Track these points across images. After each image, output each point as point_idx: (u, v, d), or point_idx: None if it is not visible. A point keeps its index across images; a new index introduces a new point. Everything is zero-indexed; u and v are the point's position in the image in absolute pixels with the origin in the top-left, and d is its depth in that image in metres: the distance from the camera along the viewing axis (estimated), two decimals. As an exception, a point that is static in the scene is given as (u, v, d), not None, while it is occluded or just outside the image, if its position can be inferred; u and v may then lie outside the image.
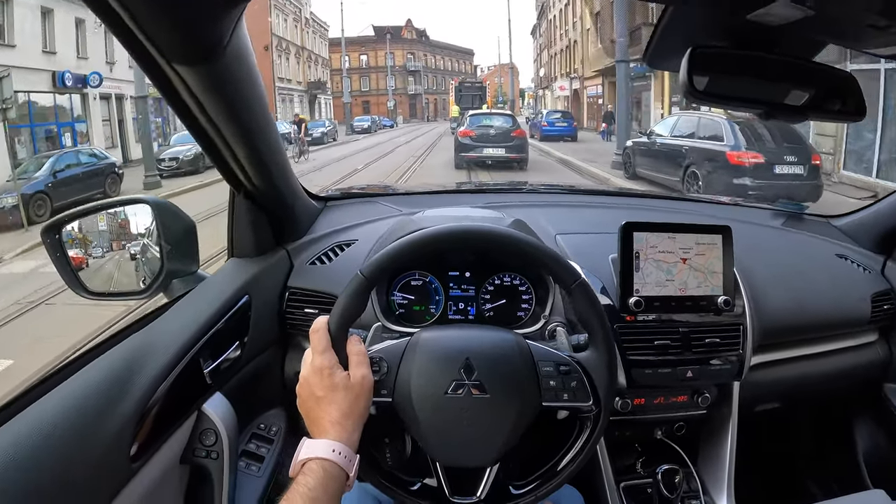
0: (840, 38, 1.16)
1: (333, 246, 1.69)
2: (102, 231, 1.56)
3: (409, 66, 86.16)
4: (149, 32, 0.91)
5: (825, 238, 2.08)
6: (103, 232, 1.56)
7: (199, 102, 1.11)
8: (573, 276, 1.14)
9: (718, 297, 1.54)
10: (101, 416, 1.03)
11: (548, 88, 59.65)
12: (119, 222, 1.56)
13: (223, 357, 1.35)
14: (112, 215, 1.57)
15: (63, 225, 1.47)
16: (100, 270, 1.54)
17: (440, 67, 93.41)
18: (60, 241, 1.46)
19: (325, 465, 0.96)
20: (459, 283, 1.61)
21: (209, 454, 1.29)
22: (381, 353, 1.12)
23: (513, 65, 40.82)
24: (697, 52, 1.05)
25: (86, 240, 1.53)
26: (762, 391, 1.77)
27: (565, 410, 1.14)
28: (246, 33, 1.08)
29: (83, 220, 1.52)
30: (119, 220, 1.56)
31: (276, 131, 1.37)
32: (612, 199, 2.55)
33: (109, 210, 1.56)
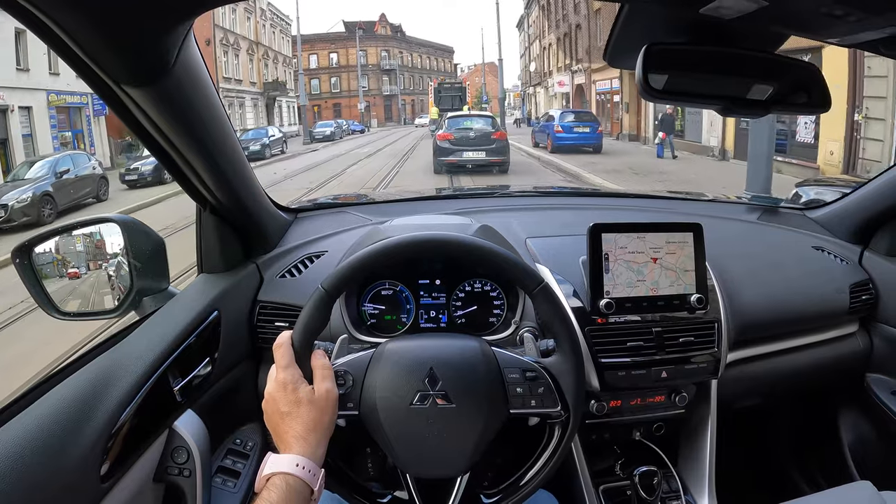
0: (798, 28, 1.15)
1: (303, 258, 1.68)
2: (80, 252, 1.55)
3: (383, 64, 78.95)
4: (93, 56, 0.91)
5: (801, 230, 2.08)
6: (80, 253, 1.55)
7: (153, 121, 1.10)
8: (536, 280, 1.13)
9: (691, 296, 1.54)
10: (70, 437, 1.03)
11: (540, 85, 54.66)
12: (95, 242, 1.56)
13: (193, 374, 1.34)
14: (88, 236, 1.56)
15: (33, 246, 1.47)
16: (76, 291, 1.54)
17: (417, 66, 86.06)
18: (31, 263, 1.46)
19: (289, 479, 0.96)
20: (430, 291, 1.60)
21: (181, 472, 1.28)
22: (345, 365, 1.12)
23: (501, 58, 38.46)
24: (653, 50, 1.05)
25: (65, 261, 1.53)
26: (742, 387, 1.77)
27: (534, 417, 1.13)
28: (195, 50, 1.07)
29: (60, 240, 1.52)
30: (95, 241, 1.56)
31: (236, 145, 1.36)
32: (586, 199, 2.55)
33: (79, 230, 1.54)
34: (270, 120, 48.56)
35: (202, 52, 1.12)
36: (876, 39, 1.06)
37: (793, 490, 2.18)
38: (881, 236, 1.99)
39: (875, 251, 1.99)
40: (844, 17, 0.96)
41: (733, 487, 1.76)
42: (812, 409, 2.20)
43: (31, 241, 1.47)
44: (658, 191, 2.73)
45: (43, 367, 4.73)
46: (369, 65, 76.32)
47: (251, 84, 49.32)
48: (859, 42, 1.10)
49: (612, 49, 1.18)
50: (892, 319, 1.91)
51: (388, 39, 79.83)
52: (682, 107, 7.88)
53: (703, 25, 1.05)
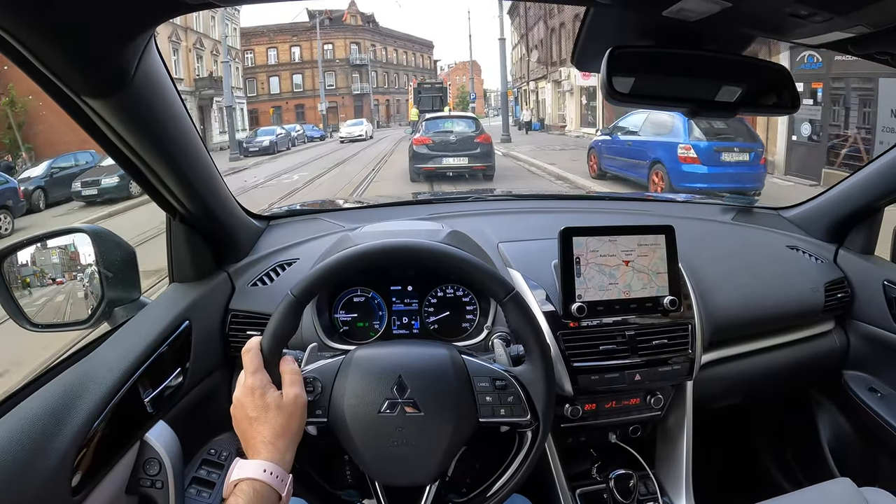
0: (764, 29, 1.16)
1: (275, 266, 1.68)
2: (55, 263, 1.54)
3: (352, 58, 65.64)
4: (52, 69, 0.91)
5: (776, 230, 2.09)
6: (56, 265, 1.54)
7: (116, 132, 1.09)
8: (505, 288, 1.13)
9: (664, 298, 1.54)
10: (40, 450, 1.02)
11: (546, 79, 40.69)
12: (70, 254, 1.54)
13: (164, 384, 1.33)
14: (63, 248, 1.55)
15: (2, 259, 1.45)
16: (51, 302, 1.52)
17: (393, 61, 72.87)
18: (1, 275, 1.44)
19: (256, 485, 0.96)
20: (402, 298, 1.60)
21: (154, 483, 1.27)
22: (314, 372, 1.11)
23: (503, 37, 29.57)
24: (618, 54, 1.05)
25: (42, 272, 1.51)
26: (718, 388, 1.78)
27: (504, 426, 1.13)
28: (157, 59, 1.07)
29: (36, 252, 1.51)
30: (70, 252, 1.54)
31: (203, 153, 1.35)
32: (560, 202, 2.56)
33: (49, 241, 1.53)
34: (206, 125, 37.70)
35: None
36: (844, 39, 1.07)
37: (773, 488, 2.20)
38: (856, 234, 2.01)
39: (850, 249, 2.01)
40: (809, 17, 0.97)
41: (712, 487, 1.77)
42: (790, 408, 2.22)
43: (1, 253, 1.46)
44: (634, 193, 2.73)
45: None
46: (336, 59, 65.15)
47: (177, 80, 35.60)
48: (827, 42, 1.10)
49: (580, 53, 1.18)
50: (867, 316, 1.93)
51: (359, 31, 67.98)
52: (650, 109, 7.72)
53: (669, 28, 1.05)
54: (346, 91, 64.50)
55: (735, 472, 2.32)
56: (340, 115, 58.16)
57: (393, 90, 71.50)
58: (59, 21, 0.82)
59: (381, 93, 68.90)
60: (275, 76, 60.75)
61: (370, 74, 66.38)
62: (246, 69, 56.45)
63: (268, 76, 60.40)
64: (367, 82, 65.78)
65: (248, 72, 57.04)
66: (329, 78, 62.32)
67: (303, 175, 18.73)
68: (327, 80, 61.64)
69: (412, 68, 75.18)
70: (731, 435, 2.31)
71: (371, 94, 65.24)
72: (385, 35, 70.73)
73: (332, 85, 62.40)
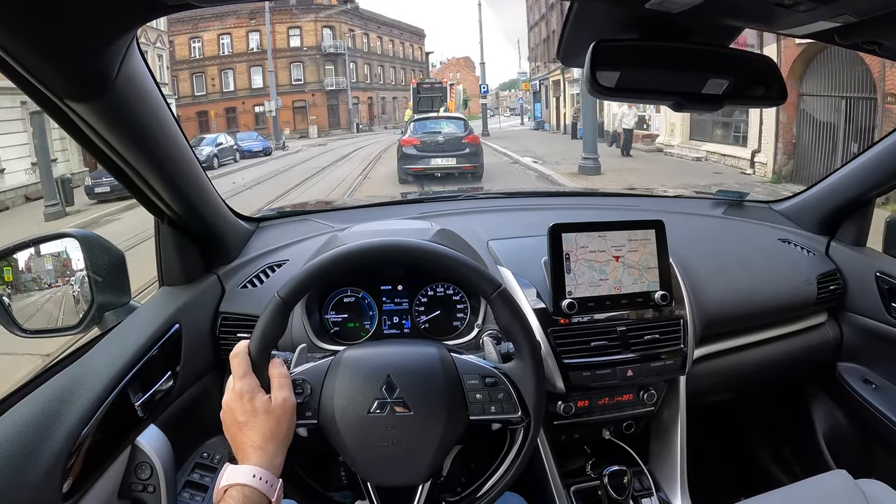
0: (749, 20, 1.16)
1: (265, 268, 1.67)
2: (49, 270, 1.53)
3: (325, 46, 51.03)
4: (34, 72, 0.90)
5: (767, 223, 2.10)
6: (49, 271, 1.53)
7: (100, 135, 1.09)
8: (493, 285, 1.13)
9: (655, 293, 1.55)
10: (30, 455, 1.02)
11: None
12: (63, 261, 1.54)
13: (155, 388, 1.33)
14: (56, 255, 1.54)
15: None
16: (40, 308, 1.52)
17: (376, 51, 58.55)
18: None
19: (246, 490, 0.96)
20: (392, 297, 1.60)
21: (146, 488, 1.27)
22: (303, 374, 1.11)
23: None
24: (602, 47, 1.05)
25: (38, 279, 1.51)
26: (712, 382, 1.78)
27: (496, 423, 1.13)
28: (140, 61, 1.07)
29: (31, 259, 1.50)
30: (62, 257, 1.54)
31: (189, 156, 1.35)
32: (549, 200, 2.56)
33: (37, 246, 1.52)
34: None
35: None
36: (830, 29, 1.07)
37: (769, 481, 2.20)
38: (847, 226, 2.02)
39: (841, 241, 2.01)
40: (793, 6, 0.96)
41: (708, 482, 1.77)
42: (785, 401, 2.22)
43: None
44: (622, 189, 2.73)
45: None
46: (305, 48, 50.60)
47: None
48: (813, 32, 1.10)
49: (565, 47, 1.18)
50: (860, 308, 1.93)
51: (333, 13, 52.95)
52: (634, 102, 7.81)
53: (653, 21, 1.05)
54: (317, 87, 51.22)
55: (730, 467, 2.32)
56: (311, 117, 49.57)
57: (377, 86, 58.28)
58: (38, 24, 0.82)
59: (361, 89, 55.54)
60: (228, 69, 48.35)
61: (347, 66, 52.71)
62: (192, 62, 46.87)
63: (220, 70, 48.11)
64: (343, 76, 52.24)
65: (193, 65, 46.74)
66: (296, 70, 50.66)
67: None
68: (294, 73, 50.50)
69: (400, 60, 62.82)
70: (726, 429, 2.32)
71: (349, 91, 52.42)
72: (367, 19, 57.04)
73: (299, 79, 50.60)
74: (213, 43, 47.74)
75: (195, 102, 46.55)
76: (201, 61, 47.53)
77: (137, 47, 1.04)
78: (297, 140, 40.94)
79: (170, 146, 1.25)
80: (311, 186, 17.08)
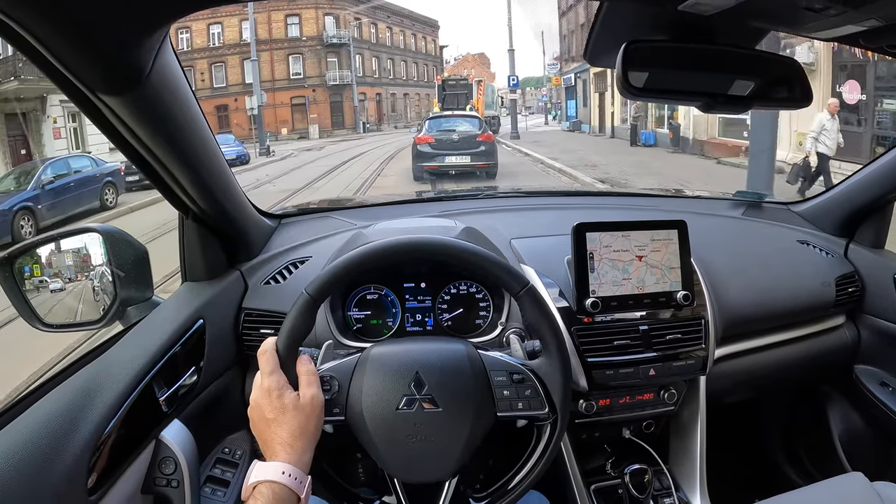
0: (778, 23, 1.17)
1: (287, 264, 1.68)
2: (69, 265, 1.54)
3: (327, 36, 45.95)
4: (68, 65, 0.90)
5: (786, 225, 2.09)
6: (70, 266, 1.54)
7: (131, 129, 1.09)
8: (521, 282, 1.13)
9: (677, 293, 1.54)
10: (55, 450, 1.02)
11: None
12: (83, 256, 1.54)
13: (179, 383, 1.33)
14: (76, 250, 1.55)
15: (15, 258, 1.46)
16: (62, 302, 1.52)
17: (385, 42, 52.59)
18: (13, 275, 1.45)
19: (275, 487, 0.96)
20: (416, 295, 1.60)
21: (169, 483, 1.27)
22: (331, 371, 1.11)
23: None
24: (632, 48, 1.05)
25: (58, 272, 1.52)
26: (731, 383, 1.77)
27: (522, 420, 1.13)
28: (172, 57, 1.07)
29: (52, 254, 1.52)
30: (83, 252, 1.54)
31: (216, 152, 1.35)
32: (570, 199, 2.55)
33: (61, 241, 1.53)
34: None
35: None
36: (856, 33, 1.07)
37: (785, 483, 2.19)
38: (866, 228, 2.01)
39: (860, 243, 2.00)
40: (824, 10, 0.97)
41: (725, 482, 1.76)
42: (802, 402, 2.21)
43: (12, 254, 1.46)
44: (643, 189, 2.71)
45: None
46: (304, 38, 45.81)
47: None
48: (839, 36, 1.11)
49: (593, 47, 1.18)
50: (878, 311, 1.93)
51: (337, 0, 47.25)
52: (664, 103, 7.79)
53: (682, 22, 1.05)
54: (318, 82, 45.95)
55: (746, 467, 2.32)
56: (311, 115, 44.43)
57: (386, 81, 52.52)
58: (76, 17, 0.82)
59: (368, 84, 50.01)
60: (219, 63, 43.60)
61: (353, 58, 46.96)
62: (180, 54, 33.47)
63: (210, 63, 43.45)
64: (348, 69, 46.69)
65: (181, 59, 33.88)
66: (295, 63, 45.82)
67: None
68: (292, 66, 45.66)
69: (412, 53, 56.79)
70: (742, 429, 2.31)
71: (354, 86, 46.72)
72: (374, 7, 50.64)
73: (298, 73, 45.86)
74: (202, 34, 43.43)
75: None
76: (189, 54, 42.59)
77: (170, 42, 1.05)
78: (294, 142, 37.69)
79: (198, 142, 1.26)
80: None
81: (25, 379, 4.28)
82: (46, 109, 19.38)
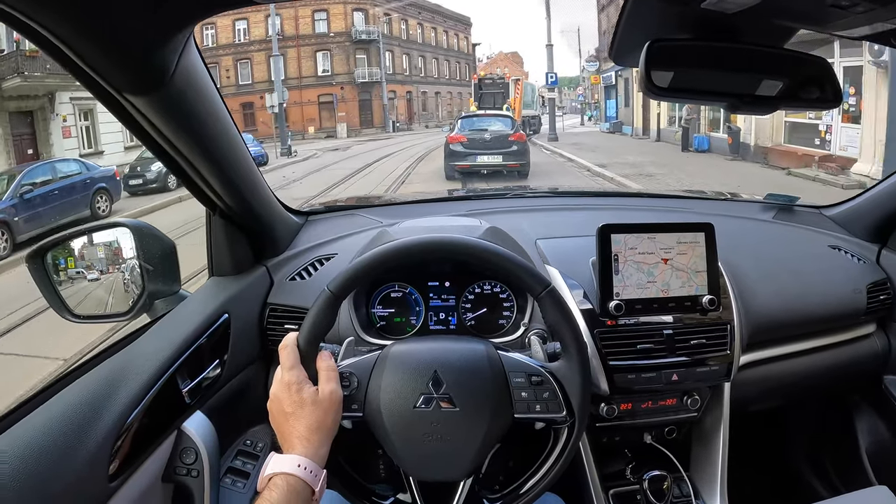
0: (805, 21, 1.14)
1: (313, 261, 1.69)
2: (101, 258, 1.57)
3: (355, 32, 44.51)
4: (94, 66, 0.92)
5: (817, 229, 2.04)
6: (101, 259, 1.57)
7: (157, 128, 1.11)
8: (542, 283, 1.13)
9: (703, 297, 1.52)
10: (79, 436, 1.05)
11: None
12: (114, 250, 1.57)
13: (202, 376, 1.36)
14: (108, 244, 1.58)
15: (47, 251, 1.49)
16: (92, 294, 1.56)
17: (416, 39, 50.91)
18: (44, 267, 1.48)
19: (290, 479, 0.97)
20: (439, 293, 1.61)
21: (190, 472, 1.29)
22: (350, 367, 1.12)
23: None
24: (656, 46, 1.04)
25: (90, 265, 1.55)
26: (756, 390, 1.74)
27: (540, 422, 1.13)
28: (196, 56, 1.09)
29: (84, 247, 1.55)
30: (114, 245, 1.57)
31: (243, 149, 1.37)
32: (598, 200, 2.53)
33: (92, 235, 1.56)
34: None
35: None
36: (887, 31, 1.05)
37: (809, 494, 2.15)
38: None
39: (893, 249, 1.95)
40: (851, 7, 0.95)
41: (747, 491, 1.74)
42: (828, 412, 2.17)
43: (44, 246, 1.50)
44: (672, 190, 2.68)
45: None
46: (332, 33, 44.47)
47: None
48: (869, 34, 1.08)
49: (618, 46, 1.17)
50: None
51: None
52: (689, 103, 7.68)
53: (708, 20, 1.03)
54: (347, 79, 44.71)
55: (769, 476, 2.28)
56: (339, 113, 43.21)
57: (416, 79, 50.87)
58: (101, 18, 0.84)
59: (398, 82, 48.60)
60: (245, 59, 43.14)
61: (382, 55, 45.64)
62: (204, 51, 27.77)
63: (235, 60, 43.05)
64: (377, 66, 45.44)
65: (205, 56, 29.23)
66: (322, 60, 44.65)
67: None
68: (320, 63, 44.51)
69: (443, 50, 54.84)
70: (766, 438, 2.27)
71: (383, 84, 45.49)
72: (405, 3, 48.44)
73: (326, 70, 44.76)
74: (227, 30, 43.07)
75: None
76: (214, 51, 42.41)
77: (194, 42, 1.06)
78: (321, 141, 36.84)
79: (224, 139, 1.27)
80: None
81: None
82: (55, 107, 19.13)
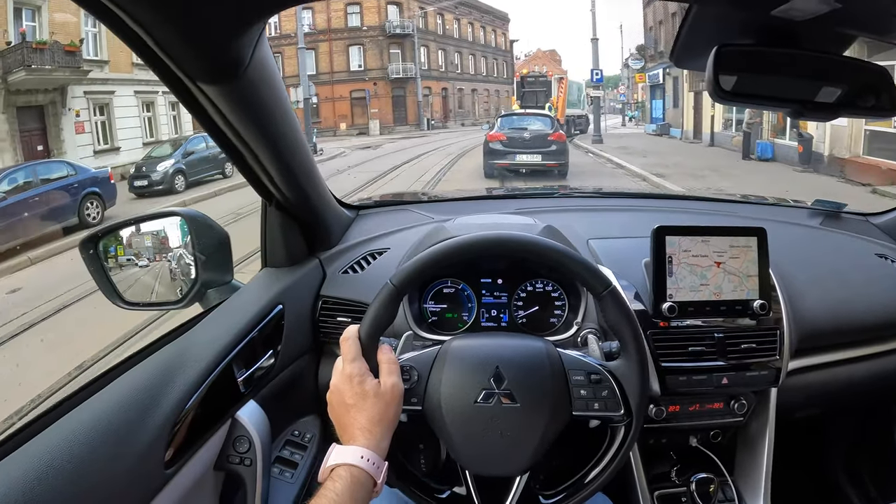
0: (868, 30, 1.13)
1: (366, 255, 1.70)
2: (148, 247, 1.59)
3: (389, 26, 42.91)
4: (171, 54, 0.94)
5: (865, 237, 2.01)
6: (148, 247, 1.59)
7: (226, 118, 1.13)
8: (603, 283, 1.13)
9: (754, 302, 1.50)
10: (137, 424, 1.06)
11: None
12: (161, 239, 1.60)
13: (257, 365, 1.37)
14: (154, 233, 1.61)
15: (99, 239, 1.52)
16: (140, 281, 1.58)
17: (452, 34, 48.66)
18: (97, 254, 1.51)
19: (353, 471, 0.97)
20: (492, 291, 1.61)
21: (242, 461, 1.31)
22: (411, 361, 1.13)
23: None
24: (723, 51, 1.04)
25: (138, 253, 1.58)
26: (801, 397, 1.72)
27: (596, 420, 1.13)
28: (268, 49, 1.10)
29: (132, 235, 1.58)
30: (161, 235, 1.60)
31: (303, 142, 1.39)
32: (646, 201, 2.51)
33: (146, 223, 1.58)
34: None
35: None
36: None
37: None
38: None
39: None
40: None
41: (788, 498, 1.72)
42: (869, 422, 2.14)
43: (99, 233, 1.53)
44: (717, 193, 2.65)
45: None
46: (364, 27, 43.05)
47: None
48: None
49: (680, 49, 1.17)
50: None
51: None
52: (752, 108, 7.60)
53: (772, 27, 1.03)
54: (380, 74, 42.95)
55: (809, 485, 2.26)
56: (372, 110, 41.85)
57: (452, 75, 48.47)
58: (186, 8, 0.85)
59: (433, 78, 46.18)
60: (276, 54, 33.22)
61: (417, 50, 43.46)
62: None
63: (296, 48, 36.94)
64: (411, 62, 43.30)
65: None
66: (355, 55, 42.96)
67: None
68: (352, 57, 42.74)
69: (480, 46, 52.30)
70: (806, 446, 2.25)
71: (418, 80, 43.36)
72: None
73: (359, 66, 43.04)
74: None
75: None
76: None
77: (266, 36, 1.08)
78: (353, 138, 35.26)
79: (287, 132, 1.29)
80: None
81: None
82: (67, 101, 18.54)
